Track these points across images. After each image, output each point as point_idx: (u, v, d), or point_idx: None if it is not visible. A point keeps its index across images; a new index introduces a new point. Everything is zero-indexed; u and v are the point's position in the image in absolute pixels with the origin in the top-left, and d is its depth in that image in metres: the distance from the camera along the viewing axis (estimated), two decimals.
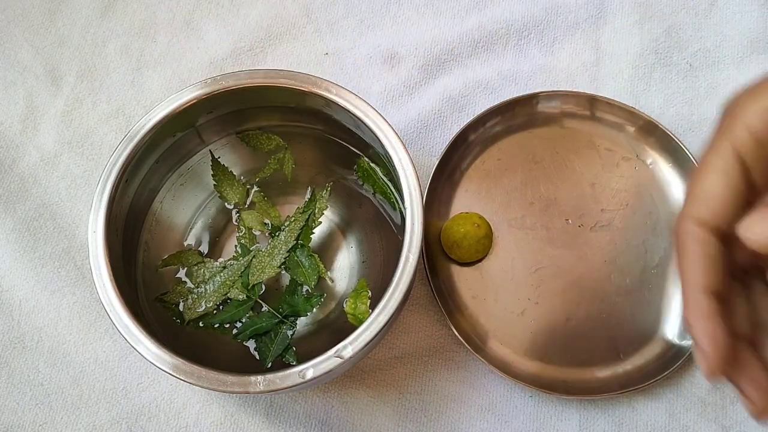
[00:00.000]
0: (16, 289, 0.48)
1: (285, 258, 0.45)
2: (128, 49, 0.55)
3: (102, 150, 0.52)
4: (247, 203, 0.48)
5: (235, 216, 0.48)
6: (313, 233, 0.46)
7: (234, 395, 0.45)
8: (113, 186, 0.40)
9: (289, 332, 0.44)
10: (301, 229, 0.46)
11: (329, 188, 0.46)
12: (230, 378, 0.36)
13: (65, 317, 0.48)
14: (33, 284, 0.48)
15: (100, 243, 0.39)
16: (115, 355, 0.47)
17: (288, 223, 0.46)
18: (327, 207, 0.46)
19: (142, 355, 0.36)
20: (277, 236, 0.46)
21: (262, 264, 0.45)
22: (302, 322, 0.45)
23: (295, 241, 0.45)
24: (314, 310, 0.45)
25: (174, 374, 0.36)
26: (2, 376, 0.46)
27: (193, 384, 0.36)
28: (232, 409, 0.45)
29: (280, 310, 0.45)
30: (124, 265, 0.42)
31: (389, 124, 0.40)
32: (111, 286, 0.38)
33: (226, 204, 0.47)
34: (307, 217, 0.46)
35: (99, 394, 0.46)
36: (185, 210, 0.47)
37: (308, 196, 0.47)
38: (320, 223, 0.46)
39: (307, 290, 0.46)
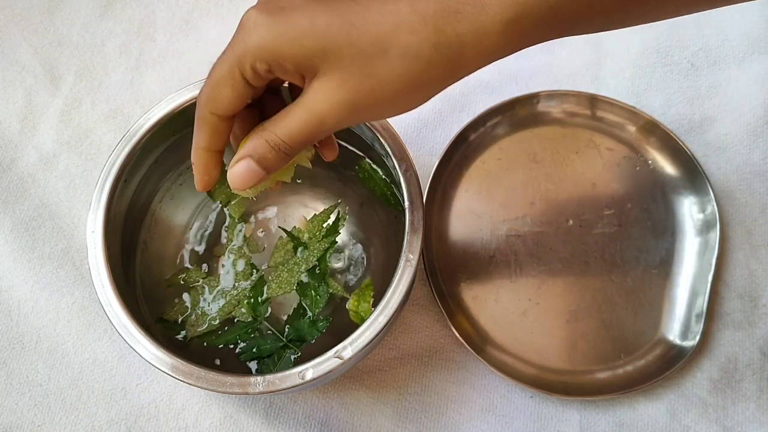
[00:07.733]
0: (14, 289, 0.48)
1: (302, 277, 0.45)
2: (127, 49, 0.55)
3: (101, 150, 0.52)
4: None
5: (226, 212, 0.47)
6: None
7: (233, 396, 0.45)
8: (112, 186, 0.40)
9: (293, 357, 0.43)
10: (325, 250, 0.45)
11: (345, 214, 0.46)
12: (229, 379, 0.36)
13: (64, 317, 0.47)
14: (32, 284, 0.48)
15: (99, 243, 0.39)
16: (113, 356, 0.47)
17: (313, 240, 0.45)
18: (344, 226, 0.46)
19: (140, 356, 0.36)
20: (302, 252, 0.45)
21: (281, 279, 0.44)
22: None
23: (316, 262, 0.45)
24: (320, 334, 0.44)
25: (173, 375, 0.36)
26: (1, 376, 0.46)
27: (192, 385, 0.36)
28: (232, 410, 0.45)
29: (285, 334, 0.44)
30: (123, 265, 0.42)
31: (389, 124, 0.40)
32: (110, 287, 0.38)
33: (212, 202, 0.47)
34: (332, 240, 0.45)
35: (98, 394, 0.46)
36: (184, 210, 0.47)
37: (332, 218, 0.46)
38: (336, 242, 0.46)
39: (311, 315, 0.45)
